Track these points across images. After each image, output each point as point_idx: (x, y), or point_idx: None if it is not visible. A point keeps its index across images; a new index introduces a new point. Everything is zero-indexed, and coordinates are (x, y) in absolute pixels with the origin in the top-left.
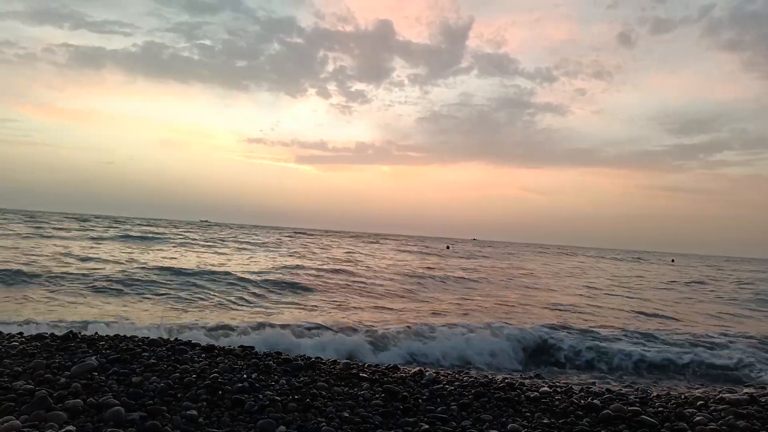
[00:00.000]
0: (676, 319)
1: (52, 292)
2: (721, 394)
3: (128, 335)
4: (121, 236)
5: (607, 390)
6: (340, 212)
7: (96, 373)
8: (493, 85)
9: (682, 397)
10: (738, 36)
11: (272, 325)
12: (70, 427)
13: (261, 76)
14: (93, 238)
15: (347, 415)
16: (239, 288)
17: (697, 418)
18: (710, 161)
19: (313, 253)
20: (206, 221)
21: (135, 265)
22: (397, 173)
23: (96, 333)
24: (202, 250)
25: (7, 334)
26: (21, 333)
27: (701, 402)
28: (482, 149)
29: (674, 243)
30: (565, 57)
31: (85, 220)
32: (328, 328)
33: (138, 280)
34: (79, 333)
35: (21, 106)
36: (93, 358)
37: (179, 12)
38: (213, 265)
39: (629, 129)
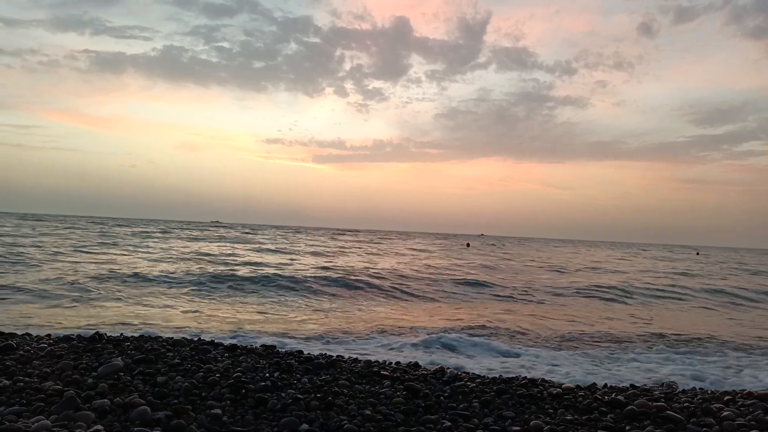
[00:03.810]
0: None
1: None
2: (749, 390)
3: (154, 336)
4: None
5: (632, 386)
6: (358, 211)
7: (122, 374)
8: (512, 79)
9: (709, 392)
10: (764, 23)
11: None
12: (98, 427)
13: (278, 76)
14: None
15: (369, 412)
16: None
17: (725, 413)
18: (736, 152)
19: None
20: (217, 221)
21: None
22: (415, 170)
23: (121, 334)
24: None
25: (35, 336)
26: (49, 335)
27: (728, 397)
28: (501, 144)
29: (700, 235)
30: (584, 49)
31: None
32: None
33: None
34: (105, 334)
35: (47, 112)
36: (119, 358)
37: (197, 15)
38: None
39: (652, 120)
